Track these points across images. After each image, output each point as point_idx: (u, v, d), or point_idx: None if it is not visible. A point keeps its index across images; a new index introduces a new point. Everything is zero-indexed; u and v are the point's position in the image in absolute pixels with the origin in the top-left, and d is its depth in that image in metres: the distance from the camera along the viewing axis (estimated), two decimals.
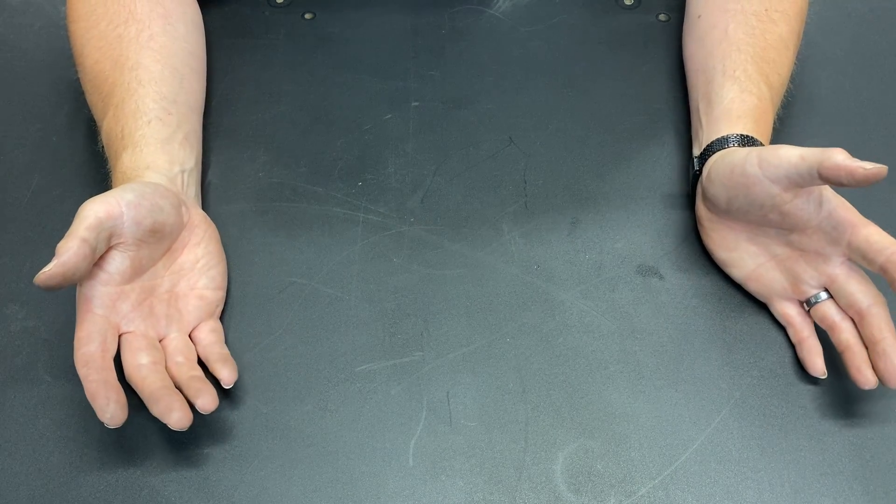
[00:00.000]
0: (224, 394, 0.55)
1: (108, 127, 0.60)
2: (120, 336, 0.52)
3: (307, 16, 0.77)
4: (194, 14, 0.70)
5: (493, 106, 0.71)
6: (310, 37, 0.76)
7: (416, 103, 0.71)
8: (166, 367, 0.52)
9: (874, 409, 0.55)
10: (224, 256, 0.59)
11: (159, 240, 0.54)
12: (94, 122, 0.64)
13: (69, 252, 0.48)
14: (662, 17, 0.76)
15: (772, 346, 0.58)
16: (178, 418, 0.48)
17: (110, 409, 0.48)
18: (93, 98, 0.64)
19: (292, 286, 0.60)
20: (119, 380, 0.50)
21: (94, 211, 0.50)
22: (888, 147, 0.68)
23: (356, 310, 0.59)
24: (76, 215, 0.50)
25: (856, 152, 0.67)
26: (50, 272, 0.48)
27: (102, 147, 0.62)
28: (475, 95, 0.71)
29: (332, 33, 0.76)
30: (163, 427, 0.54)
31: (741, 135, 0.58)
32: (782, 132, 0.68)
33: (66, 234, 0.49)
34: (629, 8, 0.78)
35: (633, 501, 0.51)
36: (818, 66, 0.73)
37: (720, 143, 0.59)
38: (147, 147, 0.58)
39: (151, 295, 0.54)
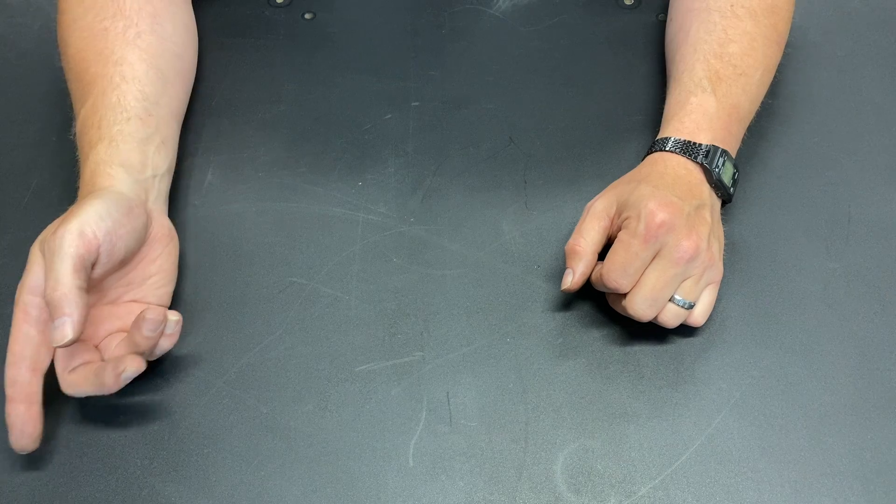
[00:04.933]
0: (225, 394, 0.55)
1: (84, 116, 0.59)
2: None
3: (307, 16, 0.77)
4: (184, 15, 0.69)
5: (493, 106, 0.70)
6: (310, 37, 0.75)
7: (416, 103, 0.71)
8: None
9: (874, 409, 0.55)
10: (176, 275, 0.58)
11: (123, 265, 0.55)
12: None
13: (76, 317, 0.48)
14: (662, 16, 0.76)
15: (772, 346, 0.58)
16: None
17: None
18: (73, 86, 0.63)
19: (292, 286, 0.60)
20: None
21: (76, 248, 0.50)
22: (888, 147, 0.68)
23: (356, 310, 0.59)
24: (57, 246, 0.50)
25: (855, 152, 0.68)
26: (73, 336, 0.48)
27: (74, 135, 0.61)
28: (475, 95, 0.71)
29: (332, 33, 0.76)
30: (162, 427, 0.54)
31: (667, 138, 0.59)
32: (784, 132, 0.68)
33: (55, 279, 0.49)
34: (629, 8, 0.78)
35: (633, 501, 0.51)
36: (818, 66, 0.73)
37: (659, 144, 0.60)
38: (124, 144, 0.57)
39: (97, 303, 0.55)
